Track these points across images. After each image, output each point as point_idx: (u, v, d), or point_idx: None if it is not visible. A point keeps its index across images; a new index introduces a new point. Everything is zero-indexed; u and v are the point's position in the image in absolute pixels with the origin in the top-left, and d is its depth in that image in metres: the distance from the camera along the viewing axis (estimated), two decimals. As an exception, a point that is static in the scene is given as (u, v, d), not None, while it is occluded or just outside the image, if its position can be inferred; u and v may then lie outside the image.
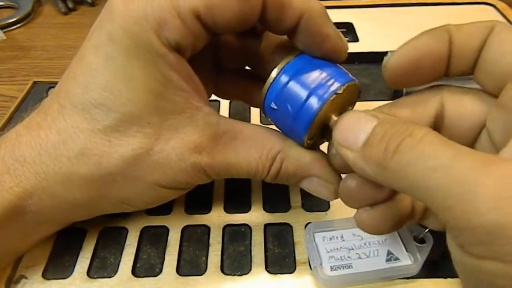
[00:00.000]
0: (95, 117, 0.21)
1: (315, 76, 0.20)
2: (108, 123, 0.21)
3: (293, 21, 0.21)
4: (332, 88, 0.19)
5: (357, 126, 0.18)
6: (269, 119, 0.22)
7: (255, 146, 0.22)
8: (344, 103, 0.20)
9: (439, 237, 0.24)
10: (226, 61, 0.26)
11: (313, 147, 0.22)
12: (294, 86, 0.20)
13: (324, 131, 0.21)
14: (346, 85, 0.20)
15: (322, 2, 0.23)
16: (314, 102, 0.20)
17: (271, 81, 0.21)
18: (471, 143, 0.19)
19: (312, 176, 0.22)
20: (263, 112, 0.22)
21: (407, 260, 0.23)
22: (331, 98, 0.19)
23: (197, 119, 0.22)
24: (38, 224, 0.24)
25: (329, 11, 0.23)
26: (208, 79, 0.26)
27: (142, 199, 0.24)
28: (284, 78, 0.20)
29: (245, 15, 0.20)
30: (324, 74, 0.20)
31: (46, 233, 0.25)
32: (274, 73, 0.21)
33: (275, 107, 0.21)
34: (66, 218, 0.25)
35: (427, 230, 0.24)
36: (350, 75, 0.21)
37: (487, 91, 0.19)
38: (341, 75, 0.20)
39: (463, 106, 0.19)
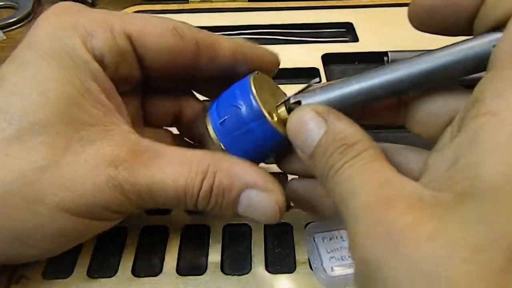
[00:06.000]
0: None
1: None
2: (8, 133, 0.18)
3: (227, 58, 0.22)
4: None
5: (305, 130, 0.18)
6: (225, 139, 0.21)
7: (182, 162, 0.20)
8: (271, 94, 0.22)
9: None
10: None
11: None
12: (224, 95, 0.22)
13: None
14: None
15: (322, 2, 0.24)
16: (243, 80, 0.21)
17: (209, 110, 0.22)
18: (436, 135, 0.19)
19: (249, 188, 0.20)
20: (217, 139, 0.21)
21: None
22: (252, 77, 0.21)
23: (114, 133, 0.20)
24: None
25: (329, 11, 0.23)
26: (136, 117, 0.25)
27: (43, 232, 0.19)
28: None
29: (177, 52, 0.21)
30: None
31: None
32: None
33: (223, 118, 0.21)
34: None
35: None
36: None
37: None
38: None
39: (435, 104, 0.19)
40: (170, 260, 0.25)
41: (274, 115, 0.20)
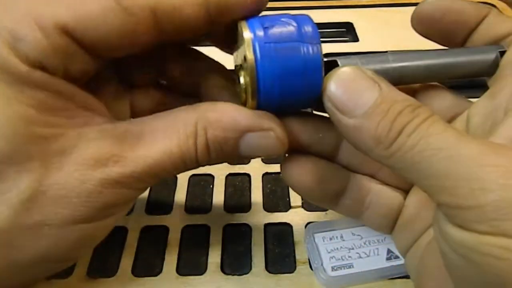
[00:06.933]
0: None
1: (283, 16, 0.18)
2: None
3: (197, 15, 0.18)
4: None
5: (356, 90, 0.17)
6: (260, 47, 0.17)
7: (166, 131, 0.19)
8: None
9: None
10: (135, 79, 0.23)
11: None
12: (272, 15, 0.18)
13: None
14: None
15: (322, 2, 0.23)
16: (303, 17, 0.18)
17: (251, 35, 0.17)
18: None
19: (245, 133, 0.19)
20: (251, 42, 0.17)
21: (407, 260, 0.23)
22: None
23: (87, 134, 0.18)
24: None
25: (329, 11, 0.23)
26: (120, 99, 0.23)
27: (60, 249, 0.18)
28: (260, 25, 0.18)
29: (130, 30, 0.17)
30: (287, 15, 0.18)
31: None
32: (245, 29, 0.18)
33: (269, 25, 0.17)
34: None
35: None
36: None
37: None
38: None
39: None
40: (170, 260, 0.25)
41: None
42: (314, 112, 0.20)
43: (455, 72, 0.20)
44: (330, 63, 0.18)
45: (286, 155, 0.21)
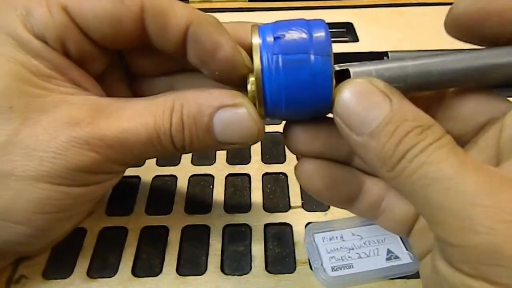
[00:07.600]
0: None
1: (294, 21, 0.18)
2: None
3: (179, 30, 0.19)
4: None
5: (365, 107, 0.16)
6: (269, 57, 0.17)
7: (146, 106, 0.19)
8: None
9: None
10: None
11: None
12: (286, 21, 0.18)
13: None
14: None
15: (322, 2, 0.23)
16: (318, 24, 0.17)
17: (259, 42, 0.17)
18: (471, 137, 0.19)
19: (219, 110, 0.19)
20: (259, 48, 0.17)
21: (407, 259, 0.23)
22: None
23: (70, 99, 0.20)
24: None
25: (329, 11, 0.23)
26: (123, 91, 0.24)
27: (23, 205, 0.19)
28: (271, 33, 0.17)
29: (118, 16, 0.19)
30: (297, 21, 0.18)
31: None
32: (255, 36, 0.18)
33: (281, 34, 0.17)
34: None
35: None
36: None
37: None
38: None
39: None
40: (170, 260, 0.25)
41: None
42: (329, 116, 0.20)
43: (492, 76, 0.17)
44: (342, 73, 0.18)
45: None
